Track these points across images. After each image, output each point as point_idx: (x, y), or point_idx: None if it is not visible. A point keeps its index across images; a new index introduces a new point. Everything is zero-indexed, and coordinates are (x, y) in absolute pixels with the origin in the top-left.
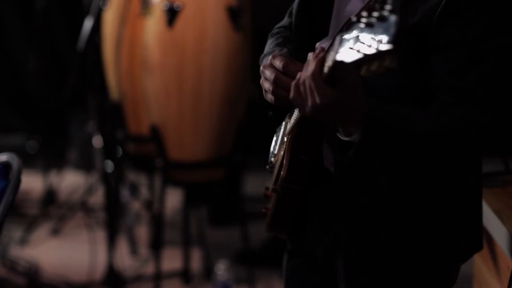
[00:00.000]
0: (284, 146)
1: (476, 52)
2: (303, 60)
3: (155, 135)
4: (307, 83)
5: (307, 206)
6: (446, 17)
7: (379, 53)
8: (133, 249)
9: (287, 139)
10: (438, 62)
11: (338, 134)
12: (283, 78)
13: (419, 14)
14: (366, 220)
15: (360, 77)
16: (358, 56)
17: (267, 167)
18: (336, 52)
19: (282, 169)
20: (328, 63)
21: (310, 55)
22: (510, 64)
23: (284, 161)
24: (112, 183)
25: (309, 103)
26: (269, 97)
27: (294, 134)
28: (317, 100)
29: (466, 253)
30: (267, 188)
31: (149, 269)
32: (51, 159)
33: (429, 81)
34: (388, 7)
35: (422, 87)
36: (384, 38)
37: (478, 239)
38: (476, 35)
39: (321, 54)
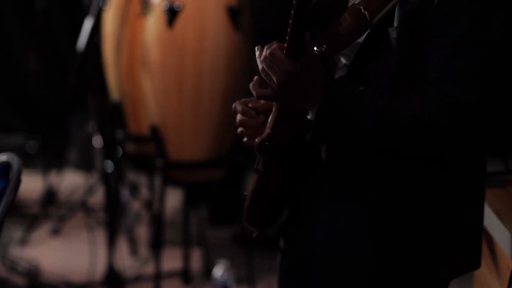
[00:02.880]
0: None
1: (469, 40)
2: None
3: (155, 135)
4: (268, 58)
5: (294, 203)
6: (444, 2)
7: None
8: (133, 249)
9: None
10: (431, 49)
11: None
12: (245, 120)
13: None
14: (351, 222)
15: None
16: None
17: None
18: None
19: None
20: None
21: None
22: (502, 57)
23: (269, 121)
24: (112, 183)
25: (274, 77)
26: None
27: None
28: (281, 70)
29: (460, 269)
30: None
31: (149, 269)
32: (51, 159)
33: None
34: None
35: (417, 76)
36: None
37: (476, 255)
38: (468, 23)
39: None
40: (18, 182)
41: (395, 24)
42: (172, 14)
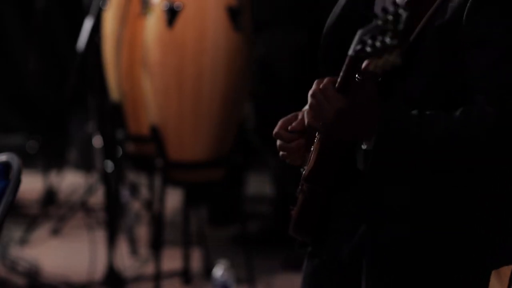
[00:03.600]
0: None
1: (509, 48)
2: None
3: (155, 135)
4: (319, 94)
5: (331, 208)
6: (476, 13)
7: (385, 48)
8: (133, 249)
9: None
10: (471, 60)
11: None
12: (285, 146)
13: (449, 12)
14: (394, 224)
15: (375, 85)
16: (365, 50)
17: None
18: (351, 51)
19: (306, 168)
20: (341, 74)
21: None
22: None
23: (310, 160)
24: (112, 183)
25: (324, 113)
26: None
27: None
28: (331, 107)
29: (504, 260)
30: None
31: (149, 269)
32: (51, 159)
33: (460, 82)
34: (401, 4)
35: (454, 88)
36: (391, 33)
37: None
38: (507, 30)
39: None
40: (18, 182)
41: (427, 37)
42: (172, 14)
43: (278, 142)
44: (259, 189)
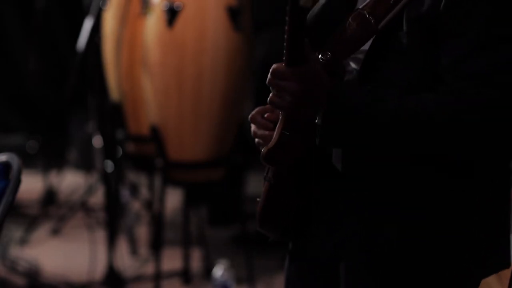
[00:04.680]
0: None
1: (483, 39)
2: None
3: (155, 135)
4: (272, 76)
5: (308, 207)
6: (452, 5)
7: None
8: (133, 249)
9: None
10: (445, 51)
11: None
12: (258, 133)
13: (426, 3)
14: (375, 222)
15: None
16: None
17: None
18: None
19: (265, 147)
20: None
21: None
22: None
23: (271, 140)
24: (112, 183)
25: (286, 94)
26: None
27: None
28: (288, 85)
29: (489, 269)
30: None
31: (149, 269)
32: (51, 159)
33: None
34: None
35: (434, 79)
36: None
37: (506, 255)
38: (482, 23)
39: None
40: (18, 182)
41: (404, 28)
42: (172, 14)
43: (253, 127)
44: (259, 189)
